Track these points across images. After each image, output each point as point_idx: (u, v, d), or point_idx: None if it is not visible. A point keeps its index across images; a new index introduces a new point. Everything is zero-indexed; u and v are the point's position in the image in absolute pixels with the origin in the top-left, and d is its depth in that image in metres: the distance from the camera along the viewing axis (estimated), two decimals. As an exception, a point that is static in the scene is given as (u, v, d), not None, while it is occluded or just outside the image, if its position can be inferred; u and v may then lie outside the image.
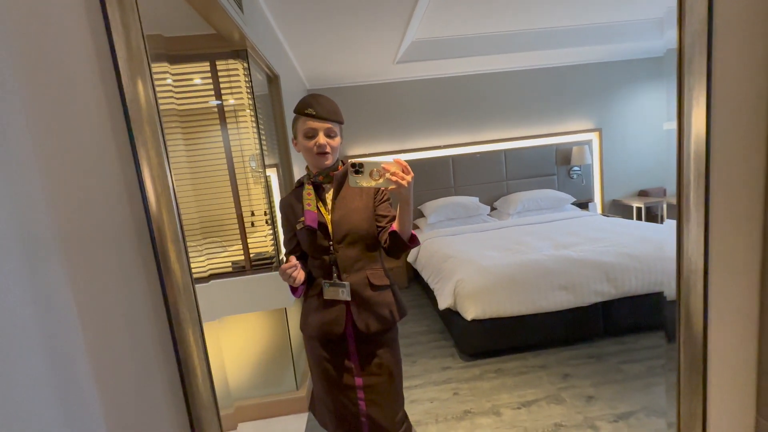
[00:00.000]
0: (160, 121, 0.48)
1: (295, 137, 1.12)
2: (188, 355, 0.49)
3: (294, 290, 1.14)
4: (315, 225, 1.07)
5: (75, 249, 0.43)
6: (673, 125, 0.64)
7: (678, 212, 0.64)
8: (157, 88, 0.50)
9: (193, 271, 1.64)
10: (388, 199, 1.16)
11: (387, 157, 0.94)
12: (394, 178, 0.91)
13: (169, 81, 1.80)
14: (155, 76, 0.51)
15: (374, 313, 1.12)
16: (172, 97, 1.87)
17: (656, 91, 4.42)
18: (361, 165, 0.93)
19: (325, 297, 1.10)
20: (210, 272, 1.98)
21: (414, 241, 1.06)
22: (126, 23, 0.45)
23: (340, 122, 1.11)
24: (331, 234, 1.10)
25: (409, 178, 0.92)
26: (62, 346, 0.41)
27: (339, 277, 1.10)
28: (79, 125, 0.44)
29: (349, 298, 1.09)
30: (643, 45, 3.85)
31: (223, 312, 1.97)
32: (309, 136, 1.07)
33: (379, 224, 1.13)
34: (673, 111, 0.62)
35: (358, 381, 1.15)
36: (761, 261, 0.62)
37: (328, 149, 1.08)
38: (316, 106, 1.05)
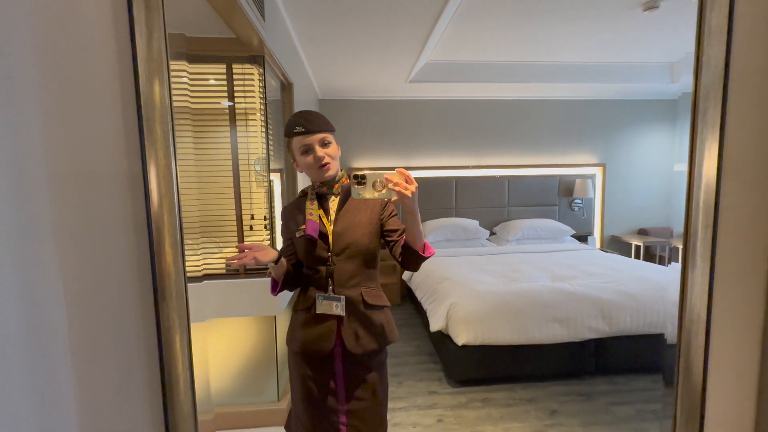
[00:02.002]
0: (172, 123, 0.48)
1: (294, 159, 1.12)
2: (173, 364, 0.48)
3: (273, 286, 1.13)
4: (315, 234, 1.06)
5: (70, 244, 0.42)
6: (684, 167, 0.64)
7: (683, 259, 0.63)
8: (173, 85, 0.50)
9: (188, 269, 1.62)
10: (396, 214, 1.15)
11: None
12: (397, 189, 0.89)
13: (185, 79, 1.82)
14: (173, 74, 0.51)
15: (365, 333, 1.09)
16: (186, 94, 1.89)
17: (662, 132, 4.48)
18: (363, 176, 0.92)
19: (318, 311, 1.07)
20: (204, 272, 1.96)
21: (428, 250, 1.04)
22: (150, 24, 0.45)
23: (332, 130, 1.10)
24: (330, 245, 1.08)
25: (412, 188, 0.90)
26: (45, 343, 0.40)
27: (334, 291, 1.08)
28: (90, 121, 0.44)
29: (343, 313, 1.06)
30: (653, 87, 3.92)
31: (213, 314, 1.94)
32: (306, 152, 1.07)
33: (390, 239, 1.11)
34: (684, 152, 0.62)
35: (342, 405, 1.11)
36: (763, 318, 0.61)
37: (326, 159, 1.07)
38: (304, 123, 1.05)
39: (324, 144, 1.07)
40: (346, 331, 1.08)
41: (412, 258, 1.04)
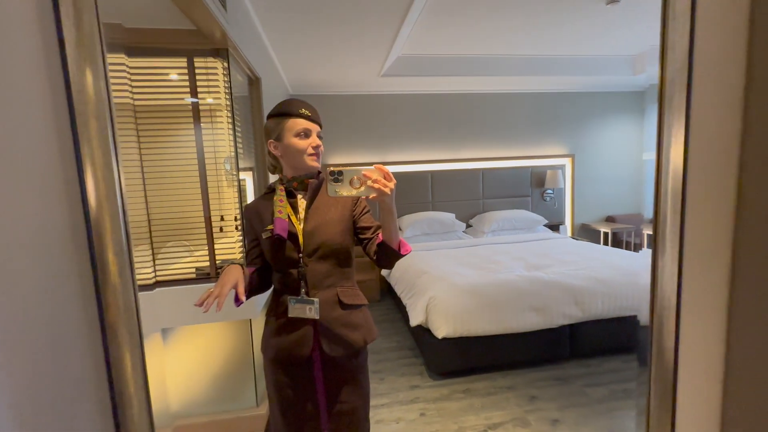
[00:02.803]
0: (111, 117, 0.43)
1: (277, 139, 1.05)
2: (124, 385, 0.43)
3: (237, 297, 1.00)
4: (285, 234, 1.01)
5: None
6: (652, 155, 0.65)
7: (654, 245, 0.64)
8: (130, 82, 0.45)
9: (158, 275, 1.53)
10: (369, 210, 1.11)
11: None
12: (376, 186, 0.86)
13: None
14: (118, 67, 0.46)
15: (343, 335, 1.05)
16: (143, 91, 1.78)
17: (627, 123, 4.66)
18: (340, 173, 0.88)
19: (291, 315, 1.02)
20: (171, 278, 1.87)
21: (404, 248, 1.01)
22: (78, 6, 0.40)
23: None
24: (301, 246, 1.03)
25: (391, 185, 0.88)
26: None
27: (307, 293, 1.03)
28: (13, 114, 0.38)
29: (317, 317, 1.01)
30: (618, 79, 4.06)
31: (185, 321, 1.86)
32: (304, 135, 1.04)
33: (363, 236, 1.08)
34: (651, 142, 0.63)
35: (323, 410, 1.07)
36: (728, 299, 0.63)
37: (321, 150, 1.07)
38: (309, 109, 1.06)
39: (320, 137, 1.08)
40: (323, 334, 1.04)
41: (389, 256, 1.01)
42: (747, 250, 0.59)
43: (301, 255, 1.03)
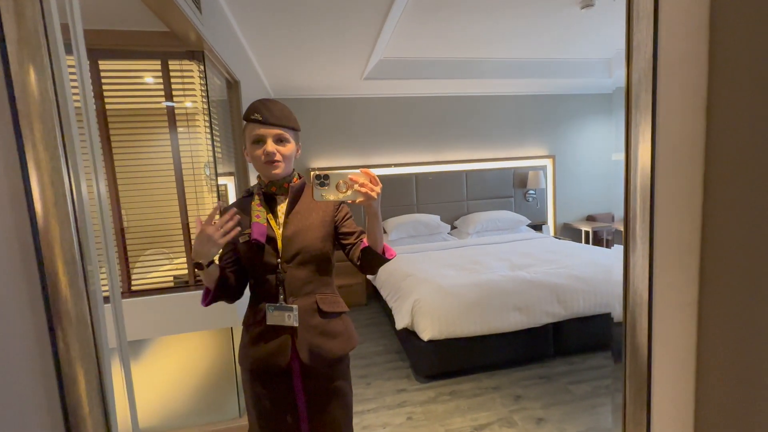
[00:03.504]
0: (59, 118, 0.41)
1: (245, 146, 1.03)
2: (77, 403, 0.41)
3: (204, 296, 0.98)
4: (263, 239, 0.98)
5: None
6: (621, 156, 0.65)
7: (624, 243, 0.65)
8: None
9: (134, 284, 1.48)
10: (351, 216, 1.09)
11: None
12: (363, 190, 0.85)
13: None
14: (71, 69, 0.44)
15: (322, 343, 1.02)
16: (114, 95, 1.72)
17: (604, 124, 4.79)
18: (326, 176, 0.86)
19: (269, 323, 0.99)
20: (148, 287, 1.81)
21: (389, 252, 1.00)
22: (19, 2, 0.37)
23: (294, 128, 1.02)
24: (280, 251, 1.01)
25: (378, 189, 0.87)
26: None
27: (285, 300, 1.00)
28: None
29: (296, 324, 0.99)
30: (594, 81, 4.17)
31: (164, 331, 1.80)
32: (257, 142, 0.99)
33: (347, 242, 1.05)
34: (621, 143, 0.64)
35: (303, 421, 1.04)
36: (698, 294, 0.64)
37: (277, 157, 0.98)
38: (264, 111, 0.97)
39: (279, 140, 0.99)
40: (301, 343, 1.00)
41: (374, 262, 0.99)
42: (716, 245, 0.60)
43: (279, 260, 1.01)
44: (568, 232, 4.77)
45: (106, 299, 0.57)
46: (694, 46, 0.56)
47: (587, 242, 4.43)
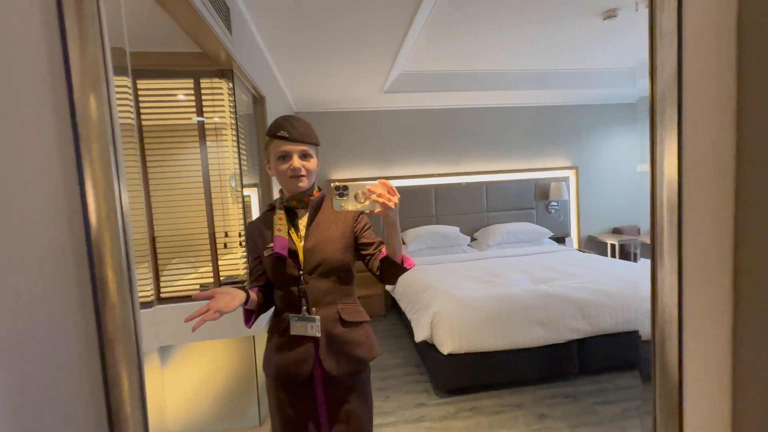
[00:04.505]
0: (114, 139, 0.45)
1: (268, 161, 1.07)
2: (120, 403, 0.43)
3: (247, 318, 1.07)
4: (285, 252, 1.02)
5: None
6: (647, 167, 0.65)
7: (652, 259, 0.64)
8: (131, 104, 0.47)
9: (161, 293, 1.54)
10: (370, 226, 1.12)
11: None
12: (381, 200, 0.87)
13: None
14: (123, 89, 0.48)
15: (344, 352, 1.04)
16: (150, 112, 1.83)
17: (629, 134, 4.67)
18: (345, 187, 0.89)
19: (293, 332, 1.02)
20: (174, 294, 1.88)
21: (408, 262, 1.01)
22: (84, 33, 0.42)
23: (316, 144, 1.07)
24: (302, 263, 1.04)
25: (395, 199, 0.89)
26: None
27: (308, 311, 1.03)
28: (20, 138, 0.40)
29: (319, 334, 1.01)
30: (618, 91, 4.09)
31: (189, 338, 1.85)
32: (282, 158, 1.03)
33: (366, 252, 1.08)
34: (646, 153, 0.63)
35: (325, 430, 1.06)
36: (732, 313, 0.62)
37: (303, 172, 1.03)
38: (289, 128, 1.01)
39: (304, 156, 1.04)
40: (324, 352, 1.03)
41: (393, 271, 1.01)
42: (750, 259, 0.58)
43: (301, 272, 1.04)
44: (593, 245, 4.63)
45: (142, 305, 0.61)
46: (721, 60, 0.55)
47: (613, 256, 4.29)
